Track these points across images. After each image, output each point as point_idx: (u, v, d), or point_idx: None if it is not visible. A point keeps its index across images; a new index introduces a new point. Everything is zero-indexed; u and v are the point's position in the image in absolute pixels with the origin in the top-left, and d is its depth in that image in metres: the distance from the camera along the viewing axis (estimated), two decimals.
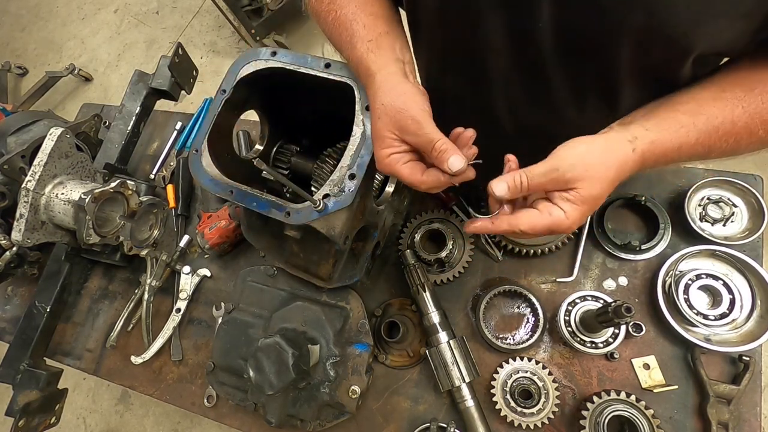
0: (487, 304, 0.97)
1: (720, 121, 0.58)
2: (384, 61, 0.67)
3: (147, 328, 1.15)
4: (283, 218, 0.74)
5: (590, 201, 0.58)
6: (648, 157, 0.59)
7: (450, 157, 0.59)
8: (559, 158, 0.58)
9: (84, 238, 1.02)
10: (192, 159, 0.82)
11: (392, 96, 0.63)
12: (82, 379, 2.53)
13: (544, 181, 0.58)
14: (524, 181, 0.58)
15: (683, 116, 0.59)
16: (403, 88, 0.63)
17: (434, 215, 1.06)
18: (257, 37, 2.88)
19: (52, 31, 3.90)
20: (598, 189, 0.57)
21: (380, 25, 0.70)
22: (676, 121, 0.59)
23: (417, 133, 0.61)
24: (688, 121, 0.59)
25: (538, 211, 0.59)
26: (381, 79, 0.65)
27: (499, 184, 0.59)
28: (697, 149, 0.60)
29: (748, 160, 2.29)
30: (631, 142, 0.58)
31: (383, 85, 0.64)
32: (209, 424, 2.30)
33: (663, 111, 0.61)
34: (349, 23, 0.70)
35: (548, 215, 0.58)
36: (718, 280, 0.89)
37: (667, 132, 0.59)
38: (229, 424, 1.06)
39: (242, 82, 0.82)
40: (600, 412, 0.84)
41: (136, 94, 1.32)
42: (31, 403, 1.09)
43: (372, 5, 0.72)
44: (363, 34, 0.69)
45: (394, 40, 0.70)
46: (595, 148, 0.58)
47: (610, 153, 0.57)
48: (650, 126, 0.59)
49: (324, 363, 0.93)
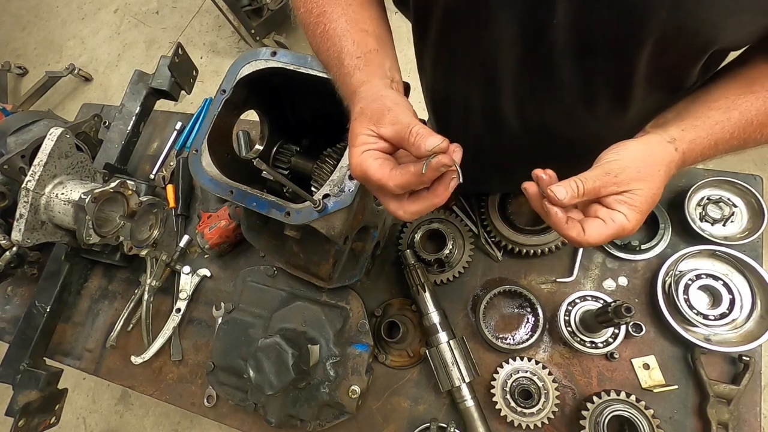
0: (487, 304, 0.97)
1: (754, 114, 0.60)
2: (370, 77, 0.65)
3: (147, 328, 1.15)
4: (283, 218, 0.74)
5: (648, 202, 0.57)
6: (688, 156, 0.60)
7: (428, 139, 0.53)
8: (608, 162, 0.58)
9: (84, 238, 1.02)
10: (192, 159, 0.82)
11: (370, 99, 0.60)
12: (82, 379, 2.53)
13: (597, 185, 0.57)
14: (579, 186, 0.56)
15: (716, 113, 0.60)
16: (385, 92, 0.61)
17: (434, 215, 1.06)
18: (257, 37, 2.88)
19: (52, 31, 3.90)
20: (654, 189, 0.57)
21: (370, 43, 0.68)
22: (710, 119, 0.60)
23: (393, 122, 0.57)
24: (721, 117, 0.60)
25: (602, 220, 0.58)
26: (363, 90, 0.63)
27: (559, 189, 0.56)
28: (732, 143, 0.61)
29: (748, 160, 2.30)
30: (671, 143, 0.59)
31: (365, 94, 0.62)
32: (209, 424, 2.30)
33: (695, 110, 0.62)
34: (338, 38, 0.68)
35: (612, 222, 0.57)
36: (718, 280, 0.89)
37: (702, 130, 0.60)
38: (229, 424, 1.06)
39: (242, 83, 0.82)
40: (600, 412, 0.84)
41: (136, 94, 1.32)
42: (31, 403, 1.09)
43: (363, 22, 0.70)
44: (352, 51, 0.67)
45: (383, 58, 0.68)
46: (640, 150, 0.58)
47: (656, 154, 0.58)
48: (686, 126, 0.60)
49: (324, 363, 0.93)
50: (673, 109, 0.66)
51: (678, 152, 0.59)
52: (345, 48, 0.67)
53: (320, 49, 0.72)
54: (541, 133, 0.80)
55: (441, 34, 0.74)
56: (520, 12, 0.62)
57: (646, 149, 0.58)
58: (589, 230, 0.57)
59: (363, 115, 0.59)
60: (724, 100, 0.62)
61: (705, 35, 0.57)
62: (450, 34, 0.73)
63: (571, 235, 0.57)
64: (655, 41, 0.58)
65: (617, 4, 0.56)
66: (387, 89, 0.63)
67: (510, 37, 0.66)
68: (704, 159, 0.62)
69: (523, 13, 0.62)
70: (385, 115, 0.57)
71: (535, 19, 0.62)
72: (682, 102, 0.66)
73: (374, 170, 0.56)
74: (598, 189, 0.57)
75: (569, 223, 0.58)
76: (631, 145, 0.59)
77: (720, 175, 0.98)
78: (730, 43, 0.59)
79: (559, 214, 0.57)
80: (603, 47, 0.63)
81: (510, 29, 0.65)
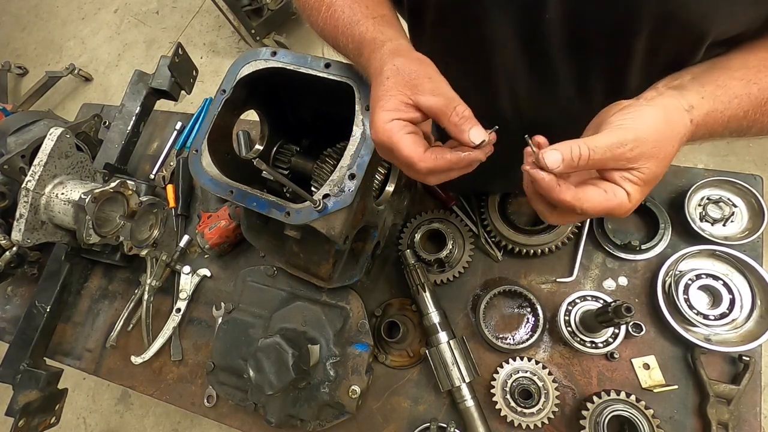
0: (487, 304, 0.97)
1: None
2: (394, 34, 0.61)
3: (147, 328, 1.15)
4: (283, 218, 0.74)
5: (653, 182, 0.51)
6: (698, 131, 0.53)
7: (472, 128, 0.50)
8: (623, 129, 0.49)
9: (84, 238, 1.02)
10: (192, 159, 0.82)
11: (406, 59, 0.55)
12: (82, 379, 2.53)
13: (608, 156, 0.48)
14: (584, 154, 0.48)
15: (738, 84, 0.54)
16: (417, 54, 0.57)
17: (434, 215, 1.06)
18: (257, 37, 2.88)
19: (52, 31, 3.90)
20: (662, 168, 0.50)
21: (383, 8, 0.66)
22: (731, 90, 0.53)
23: (435, 92, 0.52)
24: (742, 91, 0.53)
25: (605, 191, 0.50)
26: (392, 45, 0.58)
27: (551, 153, 0.48)
28: (742, 123, 0.55)
29: (748, 161, 2.30)
30: (689, 112, 0.52)
31: (396, 50, 0.57)
32: (209, 424, 2.30)
33: (717, 77, 0.55)
34: (348, 7, 0.65)
35: (614, 196, 0.50)
36: (718, 280, 0.89)
37: (721, 103, 0.53)
38: (229, 424, 1.06)
39: (242, 82, 0.82)
40: (600, 412, 0.84)
41: (136, 94, 1.32)
42: (31, 403, 1.09)
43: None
44: (366, 13, 0.63)
45: (398, 20, 0.66)
46: (658, 120, 0.50)
47: (674, 126, 0.50)
48: (706, 94, 0.53)
49: (324, 363, 0.93)
50: (689, 72, 0.58)
51: (692, 125, 0.51)
52: (357, 12, 0.64)
53: (327, 24, 0.67)
54: (539, 129, 0.80)
55: (435, 32, 0.73)
56: (513, 8, 0.62)
57: (664, 119, 0.50)
58: (587, 195, 0.50)
59: (398, 75, 0.54)
60: (745, 70, 0.55)
61: (697, 26, 0.54)
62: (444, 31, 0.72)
63: (565, 199, 0.49)
64: (649, 34, 0.57)
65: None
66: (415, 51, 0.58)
67: (504, 34, 0.66)
68: (711, 137, 0.55)
69: (516, 10, 0.62)
70: (424, 82, 0.53)
71: (528, 15, 0.61)
72: (699, 66, 0.59)
73: (407, 147, 0.52)
74: (606, 161, 0.49)
75: (562, 186, 0.50)
76: (648, 111, 0.51)
77: (720, 175, 0.98)
78: (724, 33, 0.57)
79: (546, 178, 0.49)
80: (596, 41, 0.62)
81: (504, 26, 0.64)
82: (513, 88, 0.76)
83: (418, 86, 0.53)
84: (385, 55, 0.57)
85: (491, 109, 0.81)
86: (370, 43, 0.61)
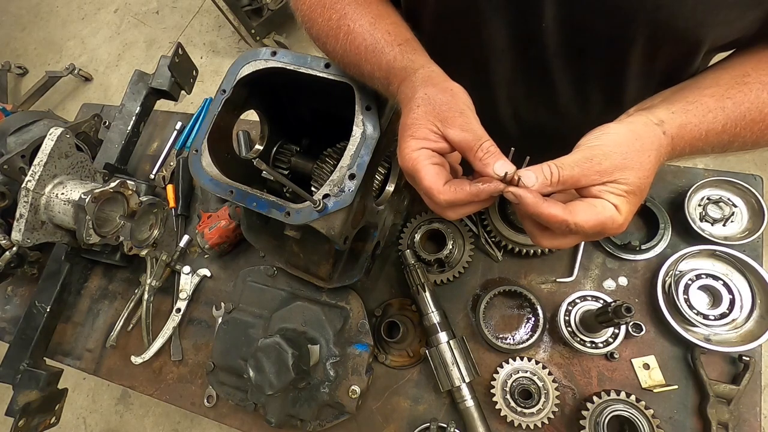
0: (487, 304, 0.97)
1: (747, 108, 0.54)
2: (424, 60, 0.61)
3: (147, 328, 1.15)
4: (283, 218, 0.74)
5: (638, 192, 0.51)
6: (677, 143, 0.53)
7: (497, 162, 0.51)
8: (589, 147, 0.51)
9: (84, 238, 1.02)
10: (192, 159, 0.82)
11: (438, 89, 0.56)
12: (82, 379, 2.53)
13: (576, 172, 0.49)
14: (554, 172, 0.49)
15: (709, 100, 0.54)
16: (449, 84, 0.57)
17: (434, 215, 1.06)
18: (257, 37, 2.88)
19: (52, 31, 3.90)
20: (643, 179, 0.51)
21: (405, 32, 0.65)
22: (703, 105, 0.54)
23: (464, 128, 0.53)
24: (715, 105, 0.54)
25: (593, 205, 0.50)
26: (425, 73, 0.58)
27: (525, 173, 0.50)
28: (722, 138, 0.55)
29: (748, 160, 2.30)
30: (659, 126, 0.53)
31: (428, 79, 0.57)
32: (209, 424, 2.30)
33: (687, 95, 0.56)
34: (369, 34, 0.64)
35: (603, 209, 0.49)
36: (718, 280, 0.89)
37: (694, 116, 0.54)
38: (229, 424, 1.06)
39: (242, 82, 0.82)
40: (600, 412, 0.84)
41: (136, 94, 1.32)
42: (31, 403, 1.09)
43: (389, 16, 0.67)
44: (390, 40, 0.62)
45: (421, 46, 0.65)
46: (625, 134, 0.51)
47: (644, 138, 0.51)
48: (676, 110, 0.54)
49: (324, 363, 0.93)
50: (660, 95, 0.60)
51: (667, 136, 0.52)
52: (380, 41, 0.63)
53: (348, 53, 0.67)
54: (538, 134, 0.80)
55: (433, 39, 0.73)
56: (509, 16, 0.62)
57: (631, 133, 0.52)
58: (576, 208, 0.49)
59: (429, 105, 0.54)
60: (716, 87, 0.56)
61: (693, 33, 0.55)
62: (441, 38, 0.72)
63: (553, 213, 0.49)
64: (644, 41, 0.58)
65: (598, 6, 0.55)
66: (448, 79, 0.58)
67: (501, 41, 0.66)
68: (692, 152, 0.56)
69: (512, 18, 0.62)
70: (455, 116, 0.53)
71: (525, 23, 0.62)
72: (670, 89, 0.60)
73: (429, 178, 0.54)
74: (578, 178, 0.50)
75: (549, 201, 0.49)
76: (614, 128, 0.52)
77: (720, 175, 0.98)
78: (721, 40, 0.58)
79: (530, 195, 0.49)
80: (593, 49, 0.62)
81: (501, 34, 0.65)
82: (511, 94, 0.77)
83: (449, 119, 0.54)
84: (417, 83, 0.57)
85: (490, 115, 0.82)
86: (401, 72, 0.60)
